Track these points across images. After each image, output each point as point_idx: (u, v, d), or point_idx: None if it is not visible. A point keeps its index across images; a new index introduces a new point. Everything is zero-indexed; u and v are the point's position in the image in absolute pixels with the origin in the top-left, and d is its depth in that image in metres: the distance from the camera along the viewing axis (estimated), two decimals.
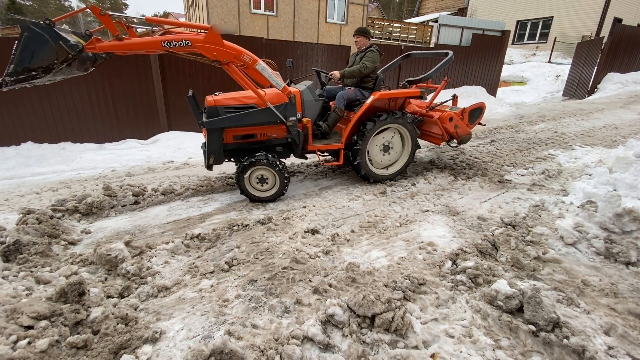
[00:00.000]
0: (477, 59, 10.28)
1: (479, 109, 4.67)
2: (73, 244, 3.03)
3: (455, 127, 4.41)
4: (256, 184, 3.84)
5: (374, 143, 4.24)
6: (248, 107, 3.63)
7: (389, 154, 4.41)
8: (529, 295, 2.02)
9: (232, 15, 14.09)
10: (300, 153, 4.09)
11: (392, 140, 4.36)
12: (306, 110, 3.91)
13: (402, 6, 51.43)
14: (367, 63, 4.09)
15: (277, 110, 3.59)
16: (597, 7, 17.02)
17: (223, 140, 3.73)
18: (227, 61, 3.27)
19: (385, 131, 4.26)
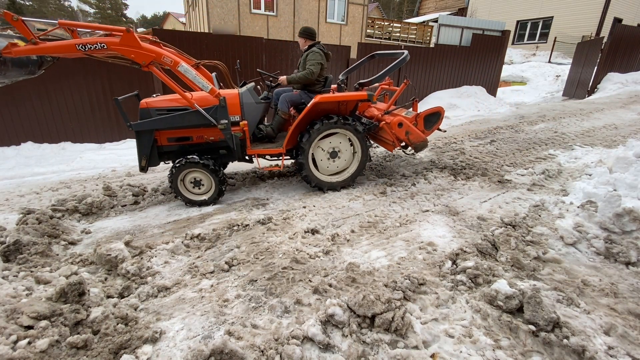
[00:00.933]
0: (477, 59, 10.28)
1: (437, 114, 4.37)
2: (73, 244, 3.03)
3: (407, 133, 4.13)
4: (191, 187, 3.78)
5: (319, 147, 4.02)
6: (180, 109, 3.54)
7: (336, 160, 4.16)
8: (529, 295, 2.02)
9: (232, 15, 14.09)
10: (240, 157, 3.95)
11: (340, 147, 4.10)
12: (246, 113, 3.78)
13: (402, 6, 51.45)
14: (312, 68, 3.89)
15: (207, 112, 3.47)
16: (597, 7, 17.02)
17: (157, 142, 3.69)
18: (146, 63, 3.20)
19: (333, 136, 4.02)
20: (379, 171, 4.97)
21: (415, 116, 4.24)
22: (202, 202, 3.82)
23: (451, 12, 24.36)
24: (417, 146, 4.29)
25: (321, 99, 3.73)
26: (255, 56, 7.02)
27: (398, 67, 4.01)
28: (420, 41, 19.67)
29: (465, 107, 9.50)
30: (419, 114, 4.23)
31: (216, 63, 4.21)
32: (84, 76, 5.92)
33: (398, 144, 4.27)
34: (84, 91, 6.06)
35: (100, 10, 57.41)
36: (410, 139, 4.18)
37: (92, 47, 3.02)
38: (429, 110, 4.29)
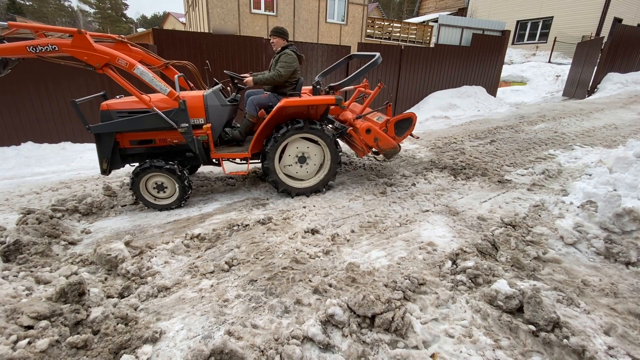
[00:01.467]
0: (477, 59, 10.27)
1: (408, 120, 4.19)
2: (73, 244, 3.03)
3: (376, 139, 3.98)
4: (155, 192, 3.69)
5: (287, 152, 3.90)
6: (141, 112, 3.45)
7: (305, 165, 4.02)
8: (529, 295, 2.02)
9: (232, 15, 14.09)
10: (206, 160, 3.84)
11: (308, 152, 3.97)
12: (210, 115, 3.68)
13: (402, 6, 51.46)
14: (281, 70, 3.75)
15: (168, 115, 3.37)
16: (597, 7, 17.01)
17: (119, 144, 3.63)
18: (100, 65, 3.12)
19: (297, 141, 3.90)
20: (379, 171, 4.97)
21: (386, 122, 4.07)
22: (165, 207, 3.72)
23: (451, 12, 24.36)
24: (387, 153, 4.17)
25: (286, 103, 3.60)
26: (255, 56, 7.02)
27: (369, 69, 3.91)
28: (420, 41, 19.66)
29: (465, 107, 9.50)
30: (389, 120, 4.07)
31: (185, 63, 4.12)
32: (84, 76, 5.91)
33: (367, 150, 4.14)
34: (84, 91, 6.06)
35: (100, 10, 57.40)
36: (379, 145, 4.05)
37: (42, 48, 2.95)
38: (399, 116, 4.14)
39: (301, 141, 3.91)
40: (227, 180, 4.60)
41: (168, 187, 3.70)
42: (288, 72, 3.80)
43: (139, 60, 3.81)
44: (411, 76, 9.12)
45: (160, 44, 6.24)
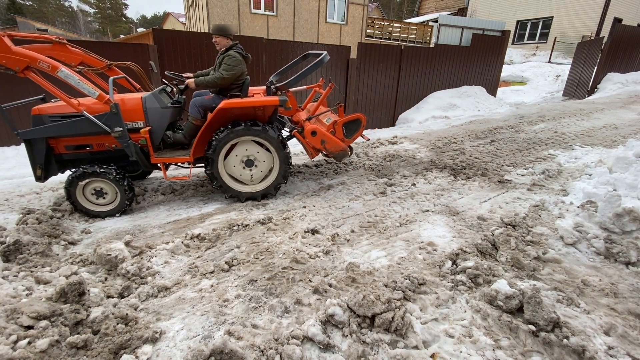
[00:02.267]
0: (477, 59, 10.26)
1: (357, 121, 4.04)
2: (73, 244, 3.03)
3: (322, 142, 3.84)
4: (94, 198, 3.55)
5: (232, 155, 3.75)
6: (74, 116, 3.31)
7: (253, 169, 3.86)
8: (529, 295, 2.02)
9: (232, 15, 14.09)
10: (148, 165, 3.69)
11: (256, 155, 3.80)
12: (150, 118, 3.55)
13: (402, 6, 51.48)
14: (224, 73, 3.55)
15: (101, 119, 3.26)
16: (597, 7, 17.01)
17: (53, 150, 3.50)
18: (20, 69, 2.99)
19: (246, 144, 3.75)
20: (379, 171, 4.97)
21: (333, 123, 3.93)
22: (107, 214, 3.58)
23: (451, 12, 24.36)
24: (335, 155, 4.04)
25: (226, 105, 3.45)
26: (255, 56, 7.02)
27: (315, 69, 3.80)
28: (420, 41, 19.67)
29: (465, 107, 9.50)
30: (336, 122, 3.93)
31: (128, 64, 4.01)
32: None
33: (315, 152, 4.02)
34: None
35: (100, 10, 57.44)
36: (327, 147, 3.91)
37: None
38: (347, 117, 3.99)
39: (250, 144, 3.76)
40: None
41: (108, 192, 3.55)
42: (232, 75, 3.60)
43: (79, 62, 3.71)
44: (411, 76, 9.11)
45: (160, 44, 6.24)
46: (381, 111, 8.97)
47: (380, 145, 6.51)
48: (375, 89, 8.62)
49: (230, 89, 3.76)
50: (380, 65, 8.42)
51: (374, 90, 8.62)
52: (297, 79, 3.76)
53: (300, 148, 6.34)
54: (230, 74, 3.58)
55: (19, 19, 35.39)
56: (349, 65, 8.03)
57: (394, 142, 6.68)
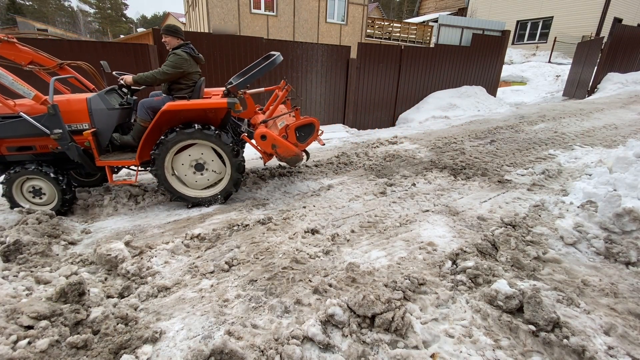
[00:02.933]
0: (477, 59, 10.26)
1: (309, 125, 3.84)
2: (73, 244, 3.03)
3: (273, 146, 3.64)
4: (30, 196, 3.52)
5: (180, 159, 3.66)
6: (12, 117, 3.25)
7: (205, 173, 3.76)
8: (529, 295, 2.02)
9: (232, 15, 14.09)
10: (94, 168, 3.62)
11: (205, 159, 3.70)
12: (96, 120, 3.47)
13: (402, 6, 51.50)
14: (164, 68, 3.46)
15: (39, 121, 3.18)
16: (597, 7, 17.01)
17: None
18: None
19: (194, 147, 3.65)
20: (379, 171, 4.97)
21: (285, 128, 3.74)
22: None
23: (451, 12, 24.37)
24: (288, 160, 3.85)
25: (170, 107, 3.35)
26: (255, 56, 7.01)
27: (267, 70, 3.67)
28: (420, 41, 19.66)
29: (465, 107, 9.50)
30: (288, 126, 3.74)
31: (80, 63, 3.93)
32: None
33: (267, 157, 3.86)
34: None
35: (100, 10, 57.46)
36: (278, 152, 3.70)
37: None
38: (300, 122, 3.78)
39: (206, 148, 3.66)
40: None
41: (46, 192, 3.51)
42: (173, 72, 3.48)
43: (29, 61, 3.66)
44: (411, 76, 9.12)
45: (160, 44, 6.24)
46: (381, 111, 8.97)
47: (380, 145, 6.51)
48: (375, 89, 8.62)
49: (180, 89, 3.65)
50: (380, 65, 8.41)
51: (374, 90, 8.62)
52: (247, 80, 3.64)
53: None
54: (171, 70, 3.47)
55: (19, 19, 35.39)
56: (349, 65, 8.03)
57: (394, 142, 6.68)
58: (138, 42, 6.49)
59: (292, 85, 4.80)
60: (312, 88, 7.88)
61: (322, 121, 8.25)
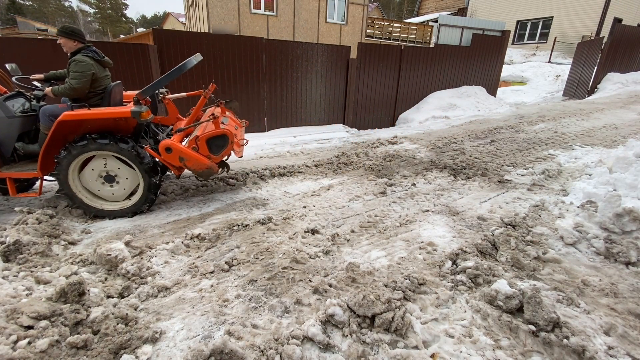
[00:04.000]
0: (477, 59, 10.26)
1: (222, 137, 3.49)
2: (73, 244, 3.03)
3: (181, 159, 3.36)
4: None
5: (86, 171, 3.42)
6: None
7: (115, 185, 3.52)
8: (529, 295, 2.02)
9: (232, 15, 14.09)
10: None
11: (116, 170, 3.45)
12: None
13: (402, 6, 51.51)
14: (73, 83, 3.21)
15: None
16: (597, 7, 17.00)
17: None
18: None
19: (94, 160, 3.40)
20: (379, 171, 4.97)
21: (195, 139, 3.44)
22: None
23: (451, 12, 24.36)
24: (199, 174, 3.54)
25: (65, 117, 3.10)
26: (255, 56, 7.02)
27: (179, 73, 3.40)
28: (420, 41, 19.66)
29: (465, 107, 9.50)
30: (198, 137, 3.43)
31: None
32: None
33: (177, 170, 3.59)
34: None
35: (100, 10, 57.47)
36: (187, 165, 3.42)
37: None
38: (211, 133, 3.46)
39: (110, 158, 3.42)
40: (227, 180, 4.60)
41: None
42: (83, 83, 3.25)
43: None
44: (411, 76, 9.11)
45: (160, 44, 6.24)
46: (381, 111, 8.97)
47: (380, 145, 6.52)
48: (375, 89, 8.62)
49: (88, 97, 3.41)
50: (380, 65, 8.41)
51: (374, 90, 8.62)
52: (154, 86, 3.40)
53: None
54: (79, 82, 3.23)
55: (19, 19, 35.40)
56: (349, 65, 8.03)
57: (394, 142, 6.68)
58: (138, 42, 6.49)
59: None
60: (312, 88, 7.88)
61: (322, 121, 8.26)
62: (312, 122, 8.18)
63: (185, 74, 6.59)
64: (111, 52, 5.79)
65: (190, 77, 6.67)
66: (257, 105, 7.39)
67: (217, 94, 6.96)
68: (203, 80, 6.78)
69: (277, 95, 7.55)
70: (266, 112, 7.54)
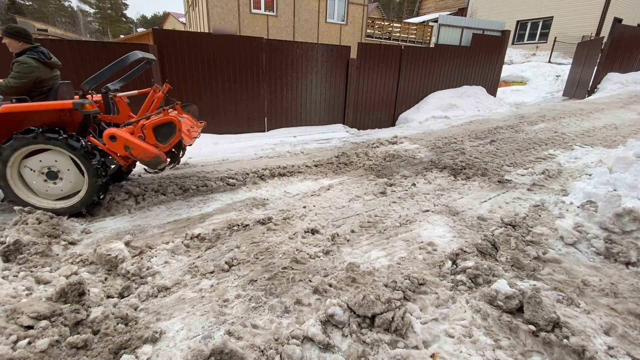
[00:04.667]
0: (477, 59, 10.27)
1: (168, 124, 3.41)
2: (73, 244, 3.03)
3: (126, 147, 3.28)
4: None
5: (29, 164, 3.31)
6: None
7: (58, 182, 3.41)
8: (529, 295, 2.02)
9: (232, 15, 14.09)
10: None
11: (58, 165, 3.35)
12: None
13: (402, 6, 51.51)
14: (11, 81, 3.17)
15: None
16: (597, 7, 17.00)
17: None
18: None
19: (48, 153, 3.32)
20: (379, 171, 4.97)
21: (141, 127, 3.35)
22: None
23: (451, 12, 24.36)
24: (147, 163, 3.44)
25: (4, 109, 3.07)
26: (255, 56, 7.02)
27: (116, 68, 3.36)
28: (420, 41, 19.66)
29: (465, 107, 9.51)
30: (144, 125, 3.35)
31: None
32: (84, 77, 5.92)
33: (123, 160, 3.51)
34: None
35: (100, 10, 57.48)
36: (133, 154, 3.32)
37: None
38: (156, 120, 3.39)
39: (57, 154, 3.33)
40: (227, 180, 4.60)
41: None
42: (21, 84, 3.20)
43: None
44: (411, 76, 9.12)
45: (160, 44, 6.24)
46: (381, 111, 8.98)
47: (380, 145, 6.52)
48: (375, 89, 8.62)
49: (32, 97, 3.35)
50: (380, 65, 8.42)
51: (374, 90, 8.62)
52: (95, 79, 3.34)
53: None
54: (18, 82, 3.18)
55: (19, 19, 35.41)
56: (349, 65, 8.03)
57: (394, 142, 6.68)
58: (138, 42, 6.49)
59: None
60: (312, 88, 7.88)
61: (322, 121, 8.26)
62: (312, 122, 8.18)
63: (186, 74, 6.60)
64: (111, 52, 5.80)
65: (190, 77, 6.68)
66: (257, 105, 7.39)
67: (217, 93, 6.97)
68: (203, 80, 6.79)
69: (277, 95, 7.55)
70: (266, 112, 7.54)
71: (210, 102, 6.95)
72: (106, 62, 5.84)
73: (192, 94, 6.77)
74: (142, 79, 6.16)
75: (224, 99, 7.06)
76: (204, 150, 6.24)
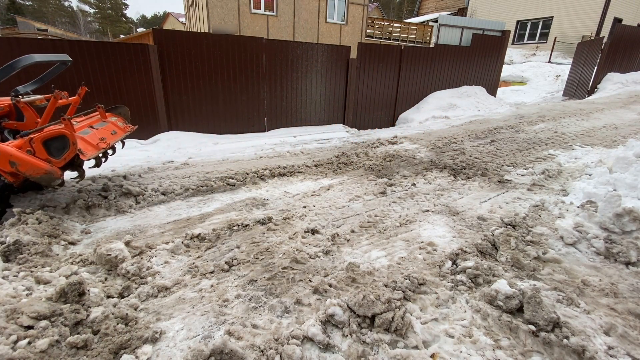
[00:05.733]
0: (477, 59, 10.27)
1: (60, 138, 3.08)
2: (73, 244, 3.03)
3: (12, 163, 2.89)
4: None
5: None
6: None
7: None
8: (529, 295, 2.02)
9: (232, 15, 14.09)
10: None
11: None
12: None
13: (402, 6, 51.50)
14: None
15: None
16: (597, 7, 17.01)
17: None
18: None
19: None
20: (379, 171, 4.97)
21: (29, 140, 3.00)
22: None
23: (451, 12, 24.37)
24: (39, 179, 3.06)
25: None
26: (255, 56, 7.02)
27: (3, 75, 3.10)
28: (420, 41, 19.66)
29: (465, 107, 9.50)
30: (33, 139, 2.99)
31: None
32: (84, 76, 5.92)
33: (11, 177, 3.08)
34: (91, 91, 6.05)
35: (100, 10, 57.49)
36: (20, 170, 2.93)
37: None
38: (46, 133, 3.05)
39: None
40: (227, 180, 4.60)
41: None
42: None
43: None
44: (411, 76, 9.12)
45: (160, 44, 6.24)
46: (381, 111, 8.98)
47: (380, 145, 6.52)
48: (375, 89, 8.62)
49: None
50: (380, 65, 8.42)
51: (374, 90, 8.63)
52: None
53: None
54: None
55: (19, 19, 35.41)
56: (349, 65, 8.03)
57: (394, 142, 6.68)
58: (138, 42, 6.49)
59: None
60: (312, 88, 7.88)
61: (322, 121, 8.26)
62: (312, 122, 8.18)
63: (186, 74, 6.59)
64: (111, 52, 5.80)
65: (190, 77, 6.67)
66: (257, 105, 7.39)
67: (217, 93, 6.97)
68: (203, 80, 6.78)
69: (277, 95, 7.55)
70: (266, 112, 7.55)
71: (210, 102, 6.95)
72: (106, 62, 5.86)
73: (192, 94, 6.77)
74: (142, 79, 6.16)
75: (224, 99, 7.06)
76: (204, 150, 6.24)
